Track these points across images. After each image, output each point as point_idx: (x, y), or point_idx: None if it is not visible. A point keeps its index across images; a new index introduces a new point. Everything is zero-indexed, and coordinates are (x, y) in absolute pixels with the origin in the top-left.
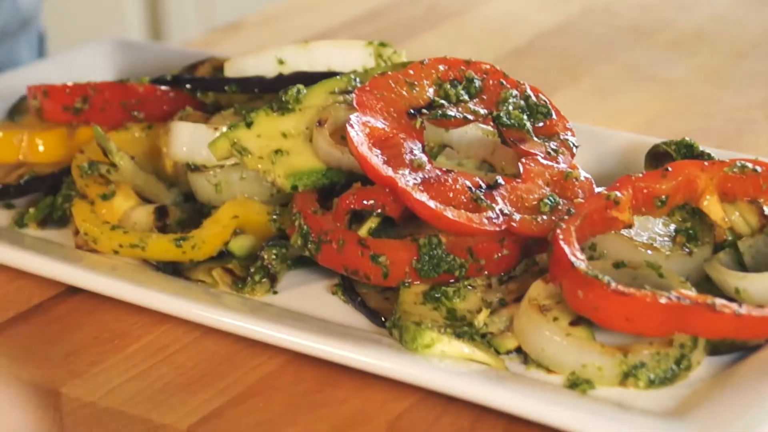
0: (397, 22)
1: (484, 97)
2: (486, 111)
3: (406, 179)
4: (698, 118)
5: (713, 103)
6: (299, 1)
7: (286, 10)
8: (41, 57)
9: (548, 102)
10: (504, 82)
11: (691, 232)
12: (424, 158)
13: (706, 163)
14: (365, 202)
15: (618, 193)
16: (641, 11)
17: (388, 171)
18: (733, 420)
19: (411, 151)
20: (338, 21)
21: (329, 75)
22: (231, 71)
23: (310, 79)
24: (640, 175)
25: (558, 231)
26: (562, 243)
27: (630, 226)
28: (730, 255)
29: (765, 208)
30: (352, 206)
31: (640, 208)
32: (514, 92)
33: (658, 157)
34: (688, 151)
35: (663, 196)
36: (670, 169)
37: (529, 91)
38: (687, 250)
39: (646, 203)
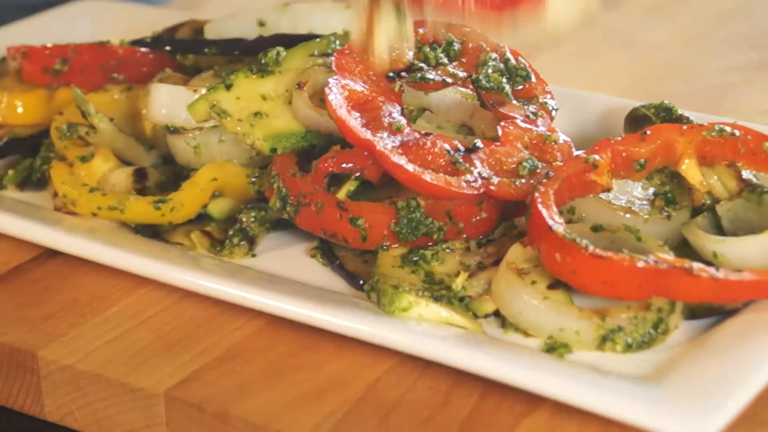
0: None
1: (464, 60)
2: (465, 74)
3: (385, 142)
4: (679, 81)
5: (694, 67)
6: None
7: None
8: None
9: (527, 65)
10: (484, 45)
11: (669, 195)
12: (403, 121)
13: (684, 127)
14: (344, 165)
15: (597, 157)
16: None
17: (366, 134)
18: (710, 384)
19: (390, 114)
20: None
21: (310, 37)
22: (211, 33)
23: (291, 41)
24: (619, 138)
25: (536, 194)
26: (540, 206)
27: (609, 189)
28: (708, 219)
29: (743, 172)
30: (330, 169)
31: (619, 171)
32: (494, 55)
33: (637, 121)
34: (667, 115)
35: (642, 160)
36: (648, 132)
37: (508, 54)
38: (665, 214)
39: (624, 167)
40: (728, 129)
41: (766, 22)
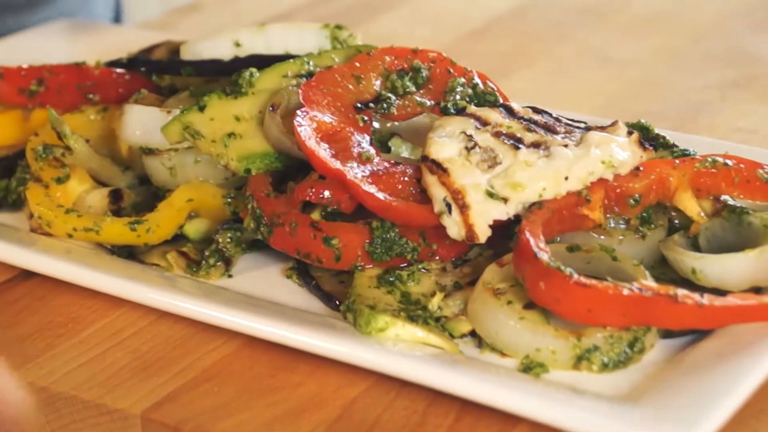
0: (355, 3)
1: (431, 87)
2: (432, 102)
3: (355, 172)
4: (654, 99)
5: (669, 85)
6: None
7: None
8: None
9: (495, 89)
10: (451, 70)
11: (644, 215)
12: (372, 151)
13: (677, 161)
14: (321, 196)
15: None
16: None
17: (336, 164)
18: (686, 403)
19: (359, 144)
20: (296, 3)
21: (284, 58)
22: (187, 54)
23: (265, 62)
24: None
25: (524, 222)
26: (527, 234)
27: (601, 225)
28: (684, 237)
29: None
30: (308, 199)
31: (613, 207)
32: (462, 80)
33: None
34: (643, 134)
35: (636, 195)
36: (641, 168)
37: (476, 79)
38: (640, 233)
39: (619, 202)
40: (720, 159)
41: (740, 41)
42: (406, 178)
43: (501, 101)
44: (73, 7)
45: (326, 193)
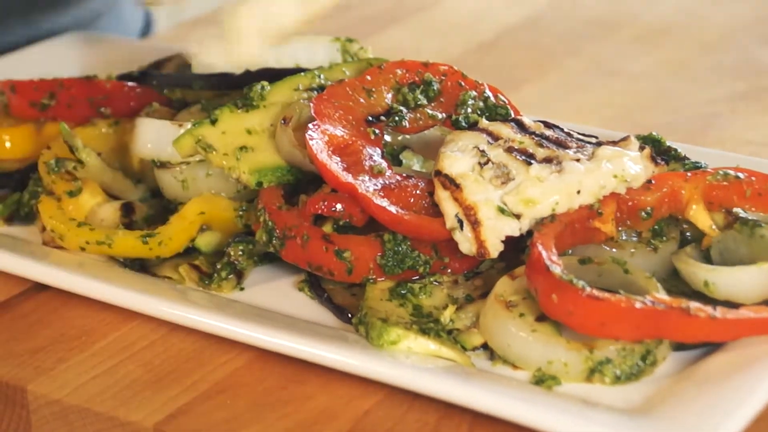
0: (364, 16)
1: (442, 100)
2: (444, 115)
3: (367, 185)
4: (664, 112)
5: (679, 98)
6: None
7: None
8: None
9: (507, 102)
10: (462, 84)
11: (656, 228)
12: (384, 164)
13: (689, 174)
14: (333, 209)
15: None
16: (608, 5)
17: (347, 177)
18: (699, 416)
19: (371, 158)
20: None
21: (295, 71)
22: (199, 68)
23: (277, 75)
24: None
25: (537, 235)
26: (539, 247)
27: (613, 238)
28: (697, 250)
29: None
30: (320, 212)
31: (625, 220)
32: (473, 93)
33: None
34: (654, 147)
35: (648, 208)
36: (653, 181)
37: (488, 92)
38: (652, 246)
39: (631, 215)
40: (732, 173)
41: (750, 53)
42: (418, 192)
43: (512, 114)
44: (101, 6)
45: (338, 207)
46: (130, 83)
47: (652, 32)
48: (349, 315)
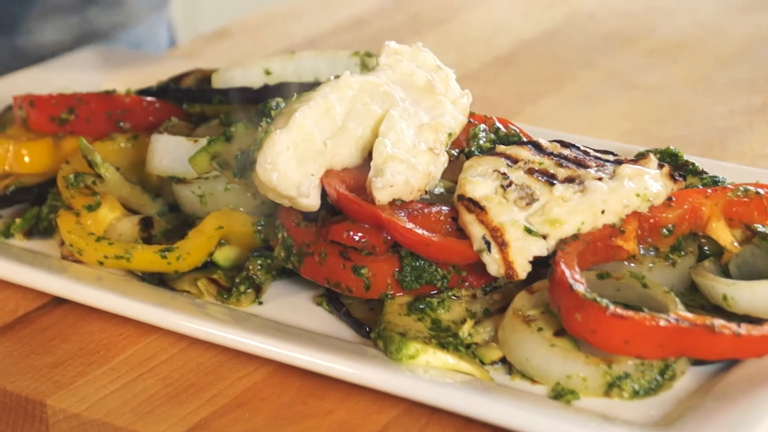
0: (380, 29)
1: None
2: (457, 152)
3: (389, 212)
4: (681, 125)
5: (696, 111)
6: (283, 8)
7: (269, 18)
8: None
9: (518, 131)
10: (471, 120)
11: (674, 242)
12: None
13: (709, 190)
14: (357, 239)
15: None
16: (625, 18)
17: (369, 205)
18: (718, 430)
19: None
20: (322, 28)
21: (313, 85)
22: (219, 82)
23: (295, 89)
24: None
25: (560, 253)
26: (562, 265)
27: (635, 256)
28: (715, 264)
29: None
30: (344, 242)
31: (646, 237)
32: (483, 126)
33: None
34: (672, 160)
35: (669, 225)
36: (673, 198)
37: (497, 124)
38: (670, 261)
39: (652, 233)
40: (752, 188)
41: (767, 66)
42: (441, 218)
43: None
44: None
45: (361, 237)
46: (148, 98)
47: (668, 45)
48: (368, 329)
